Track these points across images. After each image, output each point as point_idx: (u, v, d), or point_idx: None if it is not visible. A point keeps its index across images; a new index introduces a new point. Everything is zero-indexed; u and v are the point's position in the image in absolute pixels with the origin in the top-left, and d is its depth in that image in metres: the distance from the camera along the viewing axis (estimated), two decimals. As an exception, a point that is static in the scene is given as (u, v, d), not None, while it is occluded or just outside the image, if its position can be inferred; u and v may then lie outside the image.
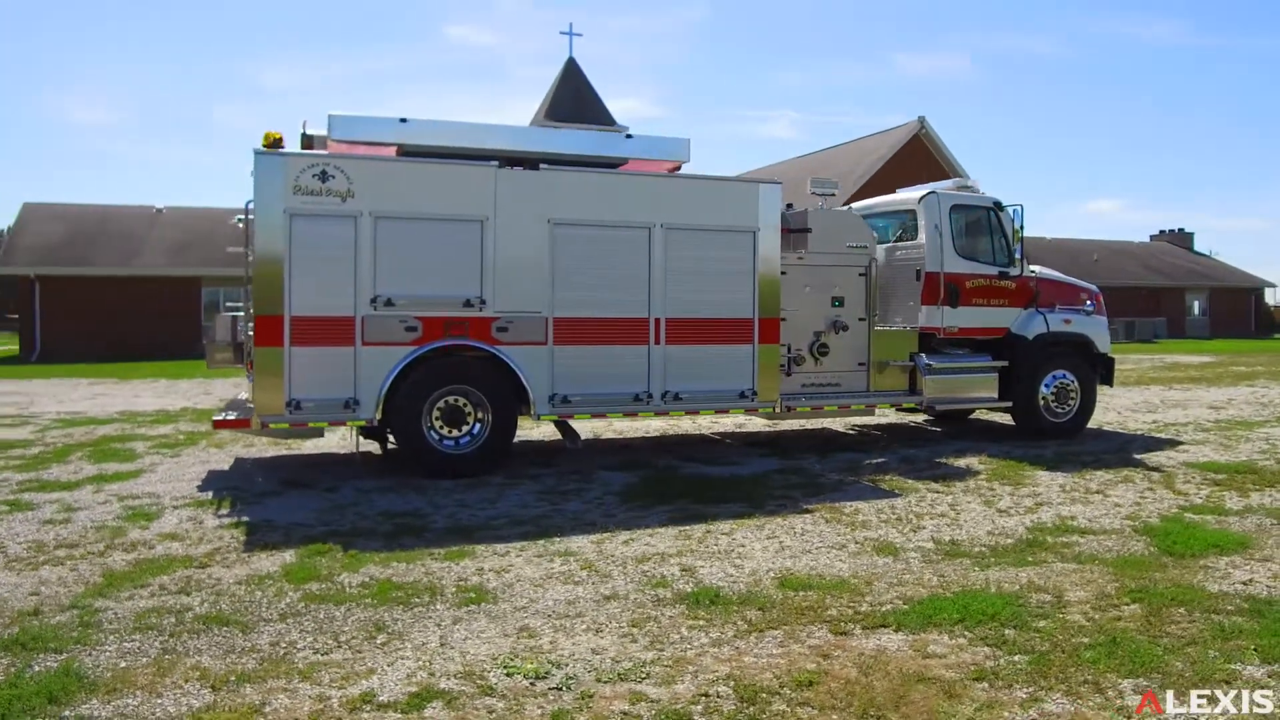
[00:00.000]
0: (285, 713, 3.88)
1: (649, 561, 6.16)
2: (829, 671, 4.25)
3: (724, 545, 6.57)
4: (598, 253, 9.54)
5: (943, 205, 11.13)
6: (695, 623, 4.95)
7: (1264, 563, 6.02)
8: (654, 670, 4.29)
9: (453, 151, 9.22)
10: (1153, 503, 7.86)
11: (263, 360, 8.56)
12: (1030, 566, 5.99)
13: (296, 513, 7.66)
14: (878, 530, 6.98)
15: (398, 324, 8.85)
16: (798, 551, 6.41)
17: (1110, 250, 49.98)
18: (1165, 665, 4.29)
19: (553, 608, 5.24)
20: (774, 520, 7.29)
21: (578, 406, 9.53)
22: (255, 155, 8.53)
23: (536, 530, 7.04)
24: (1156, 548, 6.39)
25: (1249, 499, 7.97)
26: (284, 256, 8.51)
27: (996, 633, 4.73)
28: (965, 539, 6.70)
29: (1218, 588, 5.47)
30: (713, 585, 5.61)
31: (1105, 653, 4.44)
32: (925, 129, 37.45)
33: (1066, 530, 6.92)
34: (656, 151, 9.98)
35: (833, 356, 10.82)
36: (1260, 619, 4.90)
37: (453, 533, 7.00)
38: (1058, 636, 4.67)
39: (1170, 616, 4.98)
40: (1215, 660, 4.34)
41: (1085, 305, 11.75)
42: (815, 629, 4.84)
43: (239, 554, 6.36)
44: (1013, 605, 5.16)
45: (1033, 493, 8.30)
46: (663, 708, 3.89)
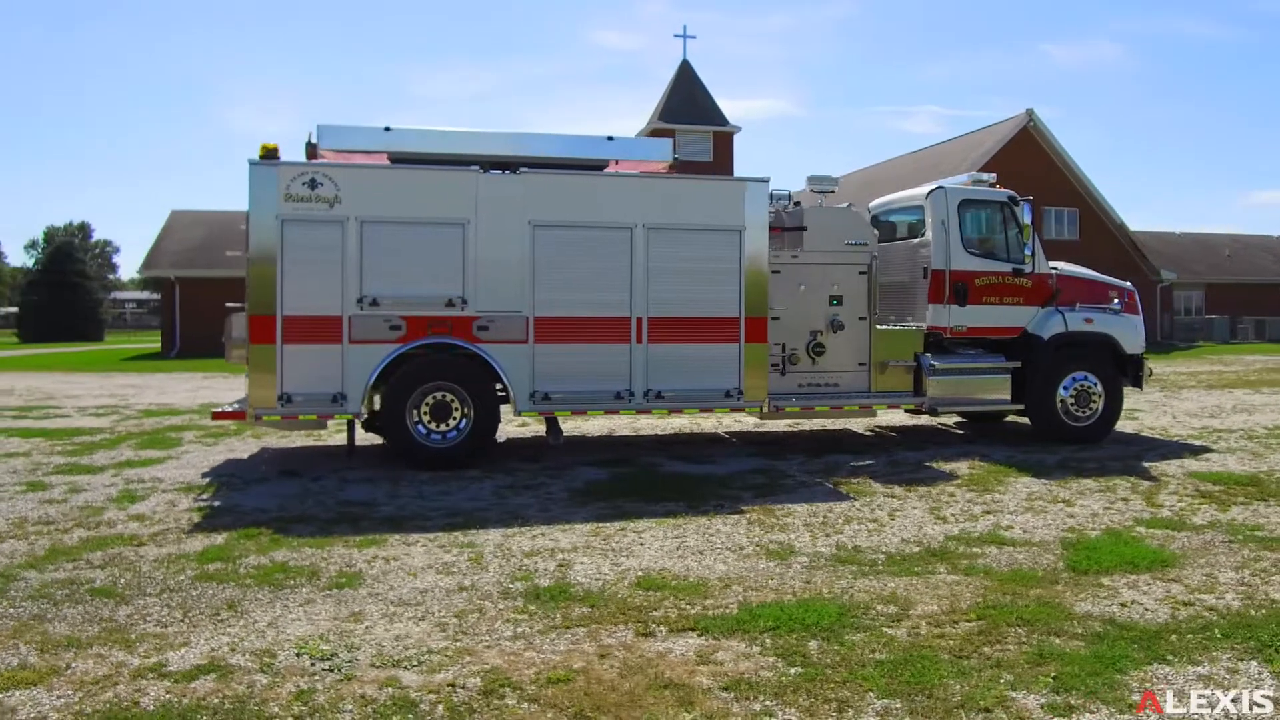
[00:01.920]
0: (80, 675, 4.30)
1: (537, 556, 6.33)
2: (588, 671, 4.33)
3: (625, 543, 6.66)
4: (578, 253, 9.73)
5: (950, 200, 10.72)
6: (517, 617, 5.10)
7: (1168, 583, 5.61)
8: (430, 659, 4.49)
9: (436, 157, 9.63)
10: (1113, 514, 7.39)
11: (257, 357, 9.20)
12: (911, 577, 5.80)
13: (266, 499, 8.23)
14: (791, 534, 6.89)
15: (383, 323, 9.32)
16: (691, 552, 6.43)
17: (1245, 244, 46.19)
18: (935, 688, 4.12)
19: (402, 595, 5.50)
20: (697, 520, 7.31)
21: (559, 404, 9.77)
22: (249, 165, 9.17)
23: (464, 522, 7.32)
24: (1065, 563, 6.05)
25: (1224, 514, 7.38)
26: (276, 259, 9.12)
27: (800, 643, 4.65)
28: (870, 546, 6.53)
29: (1087, 608, 5.16)
30: (571, 582, 5.73)
31: (885, 670, 4.30)
32: (1034, 121, 36.12)
33: (987, 541, 6.62)
34: (639, 153, 10.12)
35: (831, 356, 10.63)
36: (1097, 643, 4.62)
37: (386, 522, 7.37)
38: (859, 651, 4.55)
39: (1000, 636, 4.75)
40: (996, 687, 4.14)
41: (1113, 304, 11.03)
42: (623, 629, 4.90)
43: (180, 535, 6.93)
44: (847, 616, 5.04)
45: (992, 501, 7.95)
46: (399, 694, 4.08)
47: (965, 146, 38.52)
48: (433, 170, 9.55)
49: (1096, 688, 4.09)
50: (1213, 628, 4.82)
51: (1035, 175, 35.96)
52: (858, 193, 44.52)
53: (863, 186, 44.36)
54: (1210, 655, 4.47)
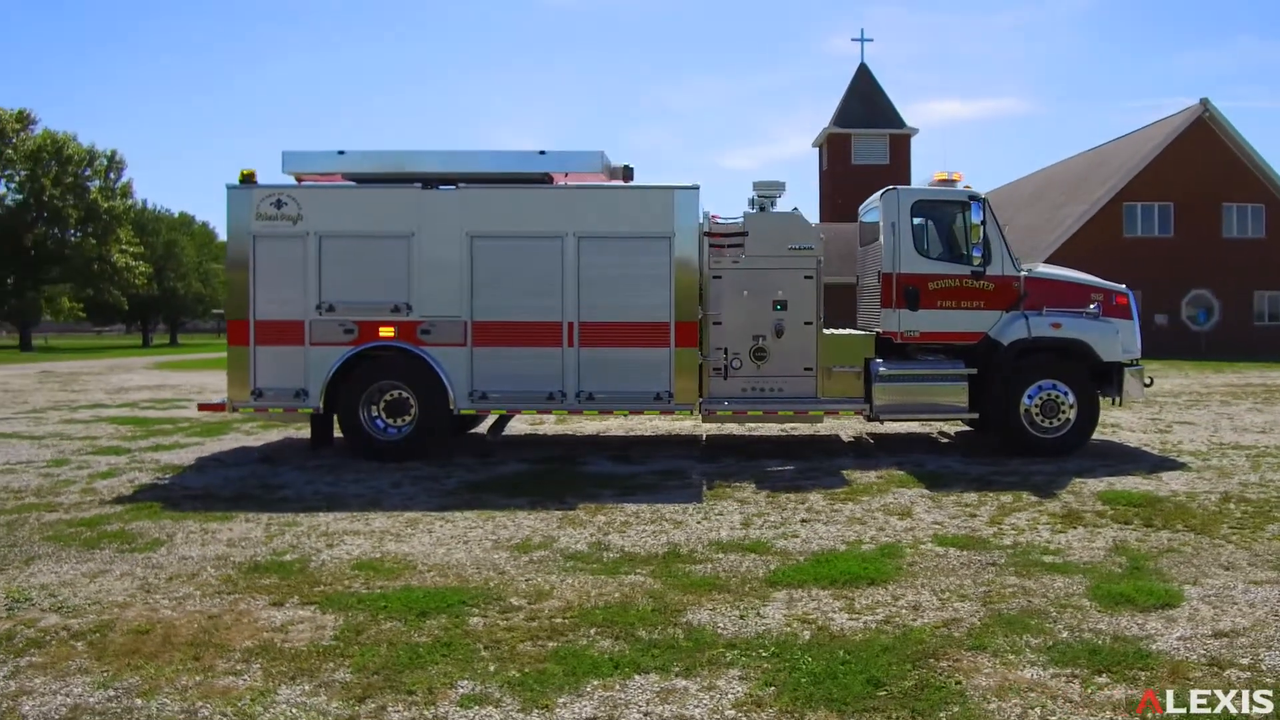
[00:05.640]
0: None
1: (332, 536, 7.04)
2: (173, 624, 4.99)
3: (420, 530, 7.21)
4: (513, 262, 10.33)
5: (902, 202, 10.26)
6: (208, 585, 5.83)
7: (879, 590, 5.40)
8: (88, 608, 5.32)
9: (386, 176, 10.58)
10: (921, 530, 6.95)
11: (233, 356, 10.57)
12: (607, 575, 5.94)
13: (214, 480, 9.50)
14: (581, 529, 7.14)
15: (338, 327, 10.40)
16: (459, 541, 6.87)
17: None
18: (404, 672, 4.43)
19: (162, 561, 6.39)
20: (518, 514, 7.71)
21: (495, 403, 10.43)
22: (227, 189, 10.56)
23: (326, 505, 8.17)
24: (764, 573, 5.90)
25: (1061, 534, 6.77)
26: (249, 271, 10.44)
27: (411, 623, 5.00)
28: (622, 546, 6.65)
29: (694, 617, 5.10)
30: (303, 558, 6.39)
31: (409, 655, 4.62)
32: (1209, 112, 32.20)
33: (746, 549, 6.52)
34: (571, 165, 10.51)
35: (774, 360, 10.52)
36: (633, 644, 4.67)
37: (270, 503, 8.35)
38: (420, 632, 4.89)
39: (565, 632, 4.89)
40: (436, 677, 4.36)
41: (1089, 307, 10.03)
42: (264, 598, 5.49)
43: (99, 506, 8.26)
44: (483, 600, 5.38)
45: (829, 511, 7.69)
46: (36, 633, 4.92)
47: (1134, 143, 35.57)
48: (381, 189, 10.51)
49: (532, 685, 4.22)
50: (762, 644, 4.70)
51: (1212, 170, 32.35)
52: (1030, 196, 41.64)
53: (1044, 185, 41.41)
54: (721, 672, 4.41)
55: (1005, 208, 43.18)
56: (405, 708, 4.00)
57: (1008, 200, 44.50)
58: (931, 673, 4.25)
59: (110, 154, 61.57)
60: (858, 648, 4.55)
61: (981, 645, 4.57)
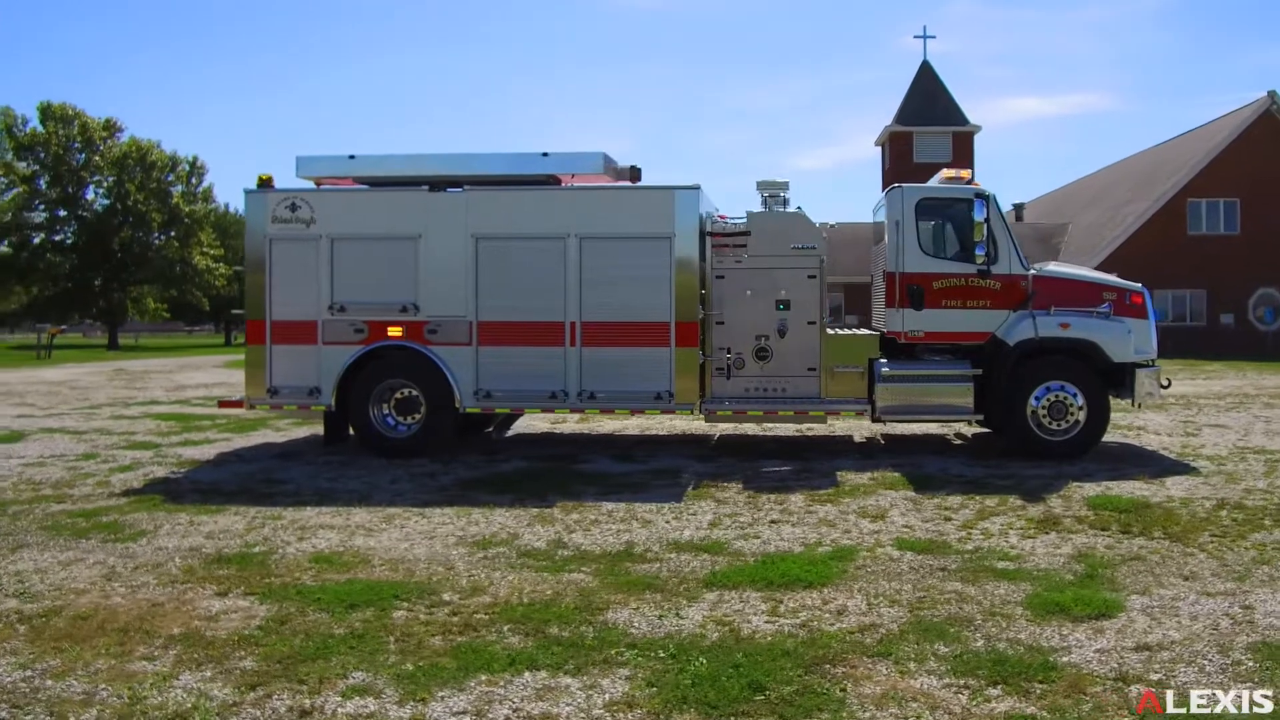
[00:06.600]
0: None
1: (307, 530, 7.23)
2: (114, 611, 5.21)
3: (393, 526, 7.37)
4: (517, 262, 10.47)
5: (906, 200, 10.05)
6: (168, 574, 6.05)
7: (812, 593, 5.34)
8: (47, 593, 5.59)
9: (394, 179, 10.82)
10: (887, 534, 6.80)
11: (251, 355, 10.94)
12: (549, 573, 5.98)
13: (224, 475, 9.85)
14: (548, 527, 7.20)
15: (348, 327, 10.68)
16: (424, 536, 7.00)
17: None
18: (304, 662, 4.54)
19: (137, 551, 6.66)
20: (494, 511, 7.81)
21: (499, 401, 10.58)
22: (245, 193, 10.94)
23: (317, 500, 8.39)
24: (704, 575, 5.85)
25: (1030, 541, 6.55)
26: (265, 273, 10.79)
27: (337, 615, 5.13)
28: (582, 544, 6.68)
29: (612, 616, 5.09)
30: (270, 550, 6.59)
31: (319, 645, 4.72)
32: (1277, 104, 30.44)
33: (703, 550, 6.48)
34: (573, 166, 10.59)
35: (778, 360, 10.43)
36: (539, 641, 4.70)
37: (265, 496, 8.62)
38: (342, 625, 5.00)
39: (469, 628, 4.95)
40: (333, 667, 4.45)
41: (1100, 306, 9.65)
42: (210, 588, 5.68)
43: (106, 499, 8.64)
44: (416, 594, 5.49)
45: (803, 513, 7.58)
46: None
47: (1199, 137, 34.14)
48: (389, 192, 10.75)
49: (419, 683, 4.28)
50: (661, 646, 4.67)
51: (1269, 162, 30.74)
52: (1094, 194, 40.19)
53: (1108, 182, 40.04)
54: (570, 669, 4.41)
55: (1068, 206, 41.84)
56: (290, 696, 4.10)
57: (1071, 198, 43.10)
58: (821, 678, 4.17)
59: (192, 160, 64.25)
60: (758, 651, 4.50)
61: (886, 652, 4.47)
